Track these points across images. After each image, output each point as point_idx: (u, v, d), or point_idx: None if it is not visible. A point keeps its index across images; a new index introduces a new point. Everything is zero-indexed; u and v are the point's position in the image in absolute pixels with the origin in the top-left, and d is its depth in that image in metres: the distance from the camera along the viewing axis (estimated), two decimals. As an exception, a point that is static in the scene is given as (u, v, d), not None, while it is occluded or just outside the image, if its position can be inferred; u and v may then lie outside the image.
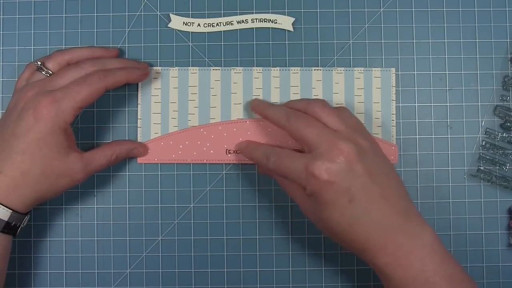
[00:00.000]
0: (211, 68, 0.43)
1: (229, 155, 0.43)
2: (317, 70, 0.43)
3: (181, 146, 0.43)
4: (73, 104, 0.36)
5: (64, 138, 0.36)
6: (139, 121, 0.43)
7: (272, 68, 0.43)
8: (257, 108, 0.41)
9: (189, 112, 0.43)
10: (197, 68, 0.43)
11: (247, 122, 0.43)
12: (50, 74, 0.38)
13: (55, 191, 0.37)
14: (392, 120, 0.43)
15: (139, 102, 0.43)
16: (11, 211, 0.35)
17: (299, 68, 0.43)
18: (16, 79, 0.43)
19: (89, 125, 0.43)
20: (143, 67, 0.41)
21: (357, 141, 0.35)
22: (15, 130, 0.35)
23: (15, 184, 0.35)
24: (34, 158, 0.35)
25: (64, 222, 0.43)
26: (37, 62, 0.39)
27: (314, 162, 0.34)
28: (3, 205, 0.35)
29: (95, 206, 0.43)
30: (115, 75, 0.38)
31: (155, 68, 0.43)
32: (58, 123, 0.36)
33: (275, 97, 0.43)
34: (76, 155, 0.37)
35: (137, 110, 0.43)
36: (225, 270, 0.43)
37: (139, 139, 0.43)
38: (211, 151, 0.43)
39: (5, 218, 0.35)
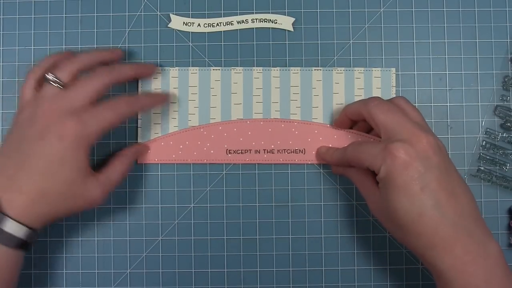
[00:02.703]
0: (211, 68, 0.43)
1: (229, 155, 0.43)
2: (317, 70, 0.43)
3: (181, 146, 0.43)
4: (99, 129, 0.36)
5: (85, 161, 0.36)
6: (139, 121, 0.43)
7: (272, 68, 0.43)
8: (339, 121, 0.42)
9: (189, 112, 0.43)
10: (197, 68, 0.43)
11: (248, 122, 0.43)
12: (62, 86, 0.37)
13: (72, 211, 0.37)
14: (392, 120, 0.43)
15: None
16: (27, 228, 0.35)
17: (299, 68, 0.43)
18: (16, 79, 0.43)
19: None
20: (165, 96, 0.42)
21: (435, 137, 0.35)
22: (36, 149, 0.35)
23: (33, 203, 0.35)
24: (54, 179, 0.35)
25: (64, 222, 0.43)
26: (48, 74, 0.37)
27: (394, 143, 0.34)
28: (20, 223, 0.34)
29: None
30: (141, 102, 0.39)
31: None
32: (83, 146, 0.35)
33: (275, 97, 0.43)
34: (93, 180, 0.37)
35: (137, 117, 0.43)
36: (225, 270, 0.43)
37: (139, 139, 0.43)
38: (212, 151, 0.43)
39: (22, 236, 0.35)
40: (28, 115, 0.36)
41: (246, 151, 0.43)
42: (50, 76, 0.37)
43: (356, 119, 0.40)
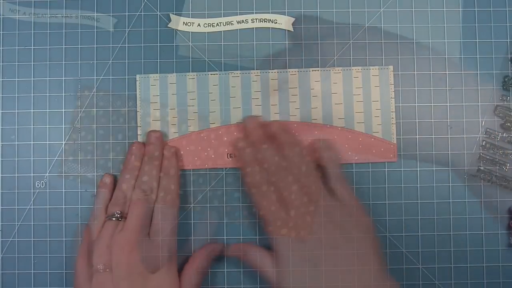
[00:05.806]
0: (209, 73, 0.43)
1: (230, 159, 0.43)
2: (315, 70, 0.43)
3: (182, 152, 0.43)
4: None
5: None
6: (138, 129, 0.43)
7: (270, 71, 0.43)
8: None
9: (188, 118, 0.43)
10: (195, 73, 0.43)
11: (247, 124, 0.43)
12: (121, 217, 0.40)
13: None
14: (392, 118, 0.43)
15: (138, 109, 0.43)
16: None
17: (297, 70, 0.43)
18: (16, 79, 0.43)
19: (89, 129, 0.43)
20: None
21: None
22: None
23: None
24: None
25: (64, 222, 0.43)
26: (116, 213, 0.40)
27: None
28: None
29: (95, 206, 0.43)
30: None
31: (152, 75, 0.43)
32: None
33: (274, 100, 0.43)
34: None
35: (137, 118, 0.43)
36: (225, 270, 0.43)
37: None
38: (212, 156, 0.43)
39: None
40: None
41: (247, 154, 0.43)
42: (116, 214, 0.40)
43: None
